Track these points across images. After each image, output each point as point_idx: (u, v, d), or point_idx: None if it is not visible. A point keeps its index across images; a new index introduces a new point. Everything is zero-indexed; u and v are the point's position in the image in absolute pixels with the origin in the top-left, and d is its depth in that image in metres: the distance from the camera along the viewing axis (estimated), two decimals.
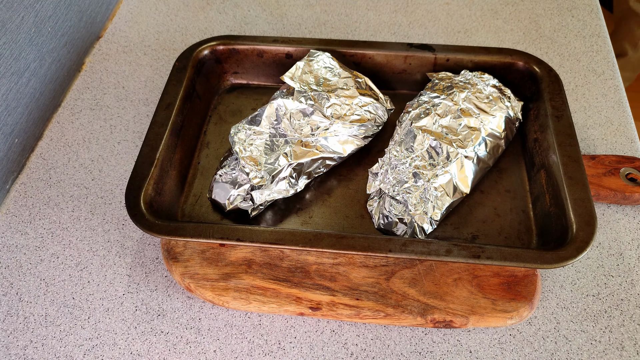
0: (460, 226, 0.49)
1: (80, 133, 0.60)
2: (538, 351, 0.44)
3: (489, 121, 0.50)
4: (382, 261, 0.46)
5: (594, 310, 0.46)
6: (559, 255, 0.41)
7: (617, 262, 0.48)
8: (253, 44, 0.58)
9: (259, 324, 0.46)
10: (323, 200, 0.51)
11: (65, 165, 0.57)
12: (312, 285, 0.45)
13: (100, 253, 0.50)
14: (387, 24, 0.70)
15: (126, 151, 0.58)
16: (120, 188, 0.55)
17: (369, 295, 0.45)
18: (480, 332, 0.45)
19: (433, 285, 0.45)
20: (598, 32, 0.68)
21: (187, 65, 0.56)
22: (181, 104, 0.53)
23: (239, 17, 0.72)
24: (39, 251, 0.51)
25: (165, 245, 0.48)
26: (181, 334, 0.45)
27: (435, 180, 0.47)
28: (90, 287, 0.48)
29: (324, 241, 0.43)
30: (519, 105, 0.53)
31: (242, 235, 0.43)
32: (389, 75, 0.58)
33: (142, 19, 0.72)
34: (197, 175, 0.54)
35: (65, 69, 0.63)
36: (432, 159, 0.48)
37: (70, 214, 0.53)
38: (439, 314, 0.44)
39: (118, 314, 0.47)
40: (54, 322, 0.46)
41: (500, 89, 0.53)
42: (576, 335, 0.45)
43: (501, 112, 0.51)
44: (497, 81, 0.53)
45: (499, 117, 0.51)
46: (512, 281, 0.45)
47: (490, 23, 0.70)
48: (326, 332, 0.45)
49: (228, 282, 0.46)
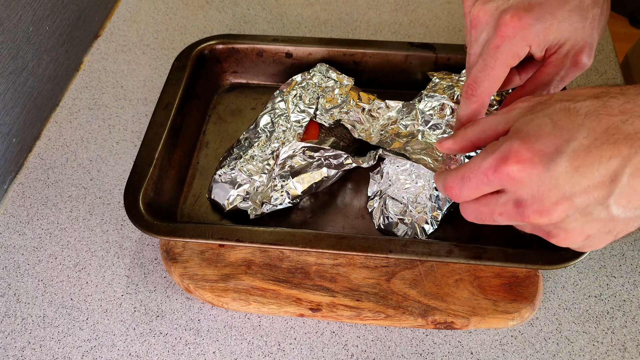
0: (461, 227, 0.49)
1: (79, 133, 0.59)
2: (540, 352, 0.44)
3: None
4: (382, 262, 0.46)
5: (596, 311, 0.45)
6: (561, 256, 0.41)
7: (620, 262, 0.48)
8: (252, 43, 0.58)
9: (258, 325, 0.45)
10: (323, 201, 0.51)
11: (63, 165, 0.57)
12: (312, 286, 0.45)
13: (99, 254, 0.50)
14: (388, 22, 0.70)
15: (125, 151, 0.58)
16: (118, 188, 0.55)
17: (370, 296, 0.45)
18: (481, 333, 0.45)
19: (434, 286, 0.45)
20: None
21: (186, 64, 0.55)
22: (180, 103, 0.53)
23: (238, 16, 0.71)
24: (37, 252, 0.50)
25: (164, 246, 0.47)
26: (180, 335, 0.45)
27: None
28: (89, 288, 0.48)
29: (324, 242, 0.43)
30: None
31: (241, 235, 0.43)
32: (389, 74, 0.58)
33: (141, 18, 0.71)
34: (196, 175, 0.53)
35: (63, 68, 0.63)
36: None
37: (68, 215, 0.53)
38: (440, 315, 0.43)
39: (117, 315, 0.46)
40: (52, 323, 0.46)
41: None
42: (578, 336, 0.44)
43: None
44: None
45: None
46: (514, 282, 0.45)
47: None
48: (326, 333, 0.45)
49: (227, 283, 0.45)
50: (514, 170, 0.29)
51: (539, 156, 0.29)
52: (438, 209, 0.47)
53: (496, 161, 0.30)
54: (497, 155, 0.30)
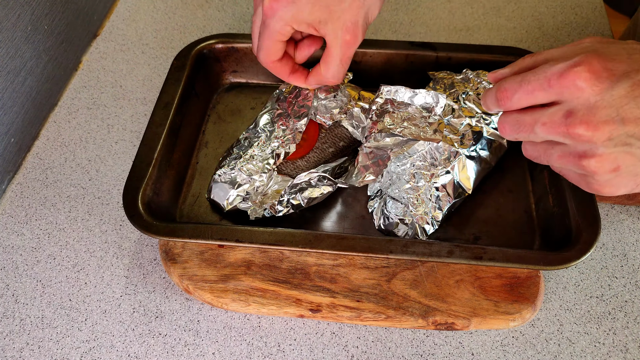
0: (462, 227, 0.48)
1: (77, 132, 0.59)
2: (541, 353, 0.43)
3: (491, 120, 0.49)
4: (383, 262, 0.46)
5: (597, 312, 0.45)
6: (562, 257, 0.41)
7: (621, 263, 0.48)
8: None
9: (258, 326, 0.45)
10: (323, 201, 0.50)
11: (62, 165, 0.56)
12: (312, 286, 0.45)
13: (98, 254, 0.50)
14: (388, 22, 0.70)
15: (124, 151, 0.57)
16: (117, 188, 0.54)
17: (370, 297, 0.44)
18: (482, 334, 0.44)
19: (435, 286, 0.45)
20: (602, 30, 0.68)
21: (185, 63, 0.55)
22: (179, 103, 0.52)
23: (237, 15, 0.71)
24: (36, 252, 0.50)
25: (163, 247, 0.47)
26: (179, 336, 0.45)
27: (437, 180, 0.46)
28: (88, 288, 0.48)
29: (324, 242, 0.42)
30: None
31: (241, 236, 0.43)
32: (390, 74, 0.58)
33: (140, 17, 0.71)
34: (195, 175, 0.53)
35: (62, 68, 0.62)
36: (433, 159, 0.47)
37: (67, 215, 0.52)
38: (441, 316, 0.43)
39: (115, 315, 0.46)
40: (50, 324, 0.46)
41: None
42: (580, 337, 0.44)
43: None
44: None
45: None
46: (515, 283, 0.44)
47: (493, 21, 0.69)
48: (326, 334, 0.45)
49: (227, 283, 0.45)
50: (582, 77, 0.30)
51: (608, 73, 0.30)
52: (439, 209, 0.46)
53: (567, 66, 0.31)
54: (570, 62, 0.31)
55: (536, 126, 0.33)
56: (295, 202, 0.46)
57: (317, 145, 0.50)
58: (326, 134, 0.51)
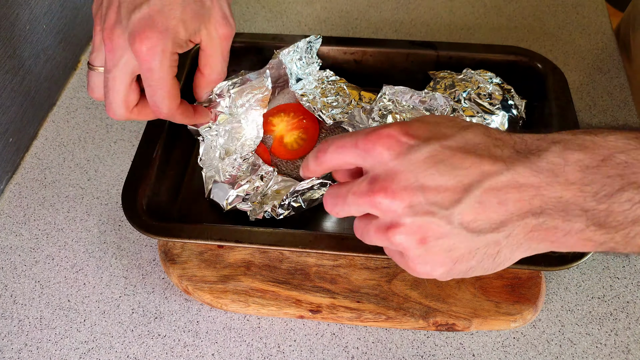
0: None
1: (76, 132, 0.59)
2: (542, 354, 0.43)
3: (492, 120, 0.49)
4: (383, 263, 0.46)
5: (599, 312, 0.45)
6: (564, 258, 0.41)
7: (623, 263, 0.48)
8: (252, 41, 0.57)
9: (257, 327, 0.45)
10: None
11: (60, 165, 0.56)
12: (312, 287, 0.45)
13: (96, 255, 0.50)
14: (389, 21, 0.69)
15: (123, 151, 0.57)
16: (116, 188, 0.54)
17: (370, 297, 0.44)
18: (483, 335, 0.44)
19: (435, 287, 0.44)
20: (603, 29, 0.67)
21: (184, 63, 0.55)
22: None
23: (237, 14, 0.71)
24: (34, 252, 0.50)
25: (162, 247, 0.47)
26: (179, 337, 0.45)
27: None
28: (86, 289, 0.47)
29: (324, 243, 0.42)
30: (522, 104, 0.52)
31: (240, 236, 0.43)
32: (390, 73, 0.57)
33: None
34: (195, 175, 0.53)
35: (60, 67, 0.62)
36: None
37: (65, 215, 0.52)
38: (442, 317, 0.43)
39: (114, 316, 0.46)
40: (49, 325, 0.45)
41: (504, 87, 0.52)
42: (581, 338, 0.44)
43: (504, 111, 0.50)
44: (500, 79, 0.53)
45: (502, 115, 0.50)
46: (516, 283, 0.44)
47: (494, 20, 0.69)
48: (326, 335, 0.45)
49: (226, 284, 0.45)
50: (381, 140, 0.29)
51: (408, 137, 0.29)
52: None
53: (373, 129, 0.30)
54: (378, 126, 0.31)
55: (348, 196, 0.31)
56: (296, 204, 0.46)
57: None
58: (326, 134, 0.51)
